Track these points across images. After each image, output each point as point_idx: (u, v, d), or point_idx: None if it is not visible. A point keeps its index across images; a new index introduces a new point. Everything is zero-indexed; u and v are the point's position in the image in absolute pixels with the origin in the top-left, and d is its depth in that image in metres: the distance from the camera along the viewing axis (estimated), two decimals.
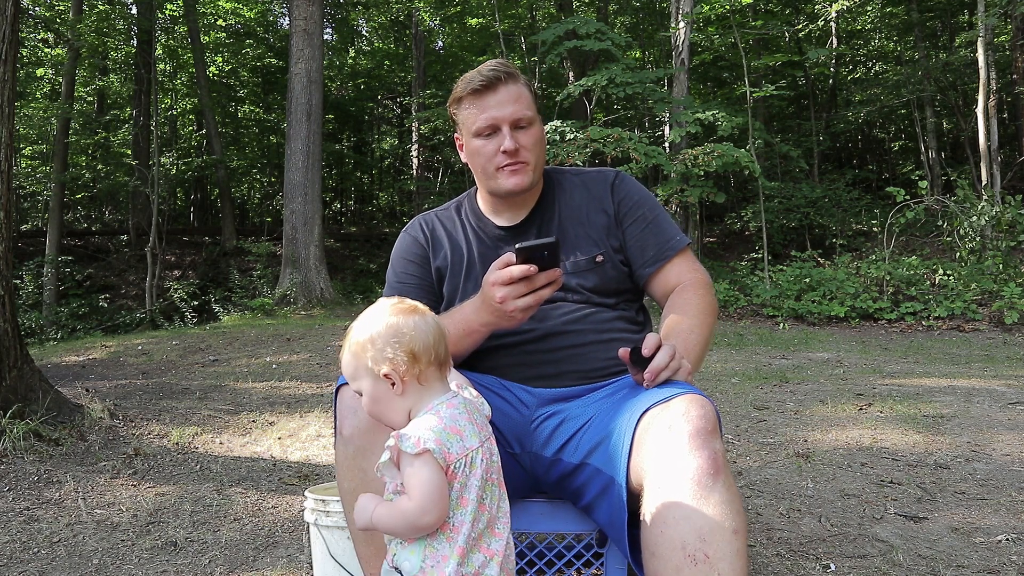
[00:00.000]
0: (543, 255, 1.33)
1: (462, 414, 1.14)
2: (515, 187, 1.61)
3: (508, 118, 1.57)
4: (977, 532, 2.18)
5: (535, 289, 1.36)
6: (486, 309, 1.42)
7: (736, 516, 1.18)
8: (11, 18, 3.25)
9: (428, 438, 1.07)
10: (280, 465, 3.11)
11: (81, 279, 14.69)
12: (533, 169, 1.62)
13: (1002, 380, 4.51)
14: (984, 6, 10.09)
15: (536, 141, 1.62)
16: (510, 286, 1.36)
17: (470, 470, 1.11)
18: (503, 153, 1.58)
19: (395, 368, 1.13)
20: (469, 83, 1.58)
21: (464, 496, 1.11)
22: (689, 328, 1.52)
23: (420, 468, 1.08)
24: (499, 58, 1.78)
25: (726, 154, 9.13)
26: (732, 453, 3.09)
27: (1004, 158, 12.03)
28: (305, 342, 6.48)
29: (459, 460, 1.10)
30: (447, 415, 1.12)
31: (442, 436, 1.09)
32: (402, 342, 1.13)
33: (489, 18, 16.14)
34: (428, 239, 1.75)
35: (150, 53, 15.25)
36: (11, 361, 3.19)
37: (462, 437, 1.11)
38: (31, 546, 2.26)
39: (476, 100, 1.58)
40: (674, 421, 1.25)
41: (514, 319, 1.41)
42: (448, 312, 1.60)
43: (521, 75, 1.62)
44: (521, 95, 1.59)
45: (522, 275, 1.33)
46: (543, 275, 1.35)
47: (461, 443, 1.11)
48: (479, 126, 1.58)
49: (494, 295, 1.37)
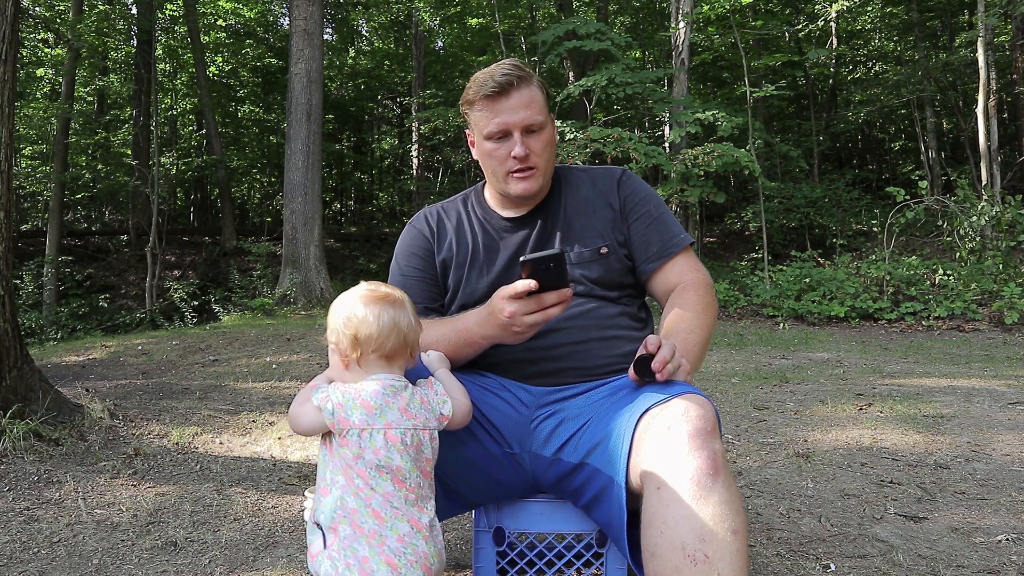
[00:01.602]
0: (549, 267, 1.32)
1: (384, 394, 1.26)
2: (524, 192, 1.62)
3: (520, 124, 1.57)
4: (977, 532, 2.18)
5: (544, 307, 1.35)
6: (492, 323, 1.42)
7: (736, 516, 1.18)
8: (11, 18, 3.25)
9: (333, 399, 1.25)
10: (280, 465, 3.11)
11: (81, 279, 14.69)
12: (543, 174, 1.63)
13: (1002, 380, 4.51)
14: (984, 6, 10.09)
15: (546, 145, 1.62)
16: (520, 302, 1.35)
17: (368, 443, 1.23)
18: (514, 159, 1.58)
19: (338, 344, 1.29)
20: (482, 87, 1.57)
21: (356, 466, 1.24)
22: (689, 328, 1.53)
23: (306, 400, 1.29)
24: (512, 58, 1.78)
25: (726, 154, 9.13)
26: (732, 453, 3.09)
27: (1004, 158, 12.03)
28: (305, 342, 6.48)
29: (355, 429, 1.23)
30: (362, 388, 1.26)
31: (346, 403, 1.24)
32: (349, 325, 1.28)
33: (489, 18, 16.14)
34: (433, 232, 1.75)
35: (150, 53, 15.24)
36: (11, 361, 3.19)
37: (369, 412, 1.24)
38: (31, 546, 2.26)
39: (488, 104, 1.58)
40: (673, 421, 1.25)
41: (520, 336, 1.41)
42: (451, 319, 1.60)
43: (535, 76, 1.62)
44: (533, 99, 1.58)
45: (526, 290, 1.32)
46: (553, 294, 1.34)
47: (363, 416, 1.24)
48: (491, 130, 1.59)
49: (503, 309, 1.37)
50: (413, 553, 1.22)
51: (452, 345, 1.53)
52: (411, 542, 1.23)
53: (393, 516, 1.23)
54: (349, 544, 1.21)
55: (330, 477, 1.26)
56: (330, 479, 1.26)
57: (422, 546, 1.24)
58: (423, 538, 1.24)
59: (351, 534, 1.22)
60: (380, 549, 1.20)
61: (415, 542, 1.23)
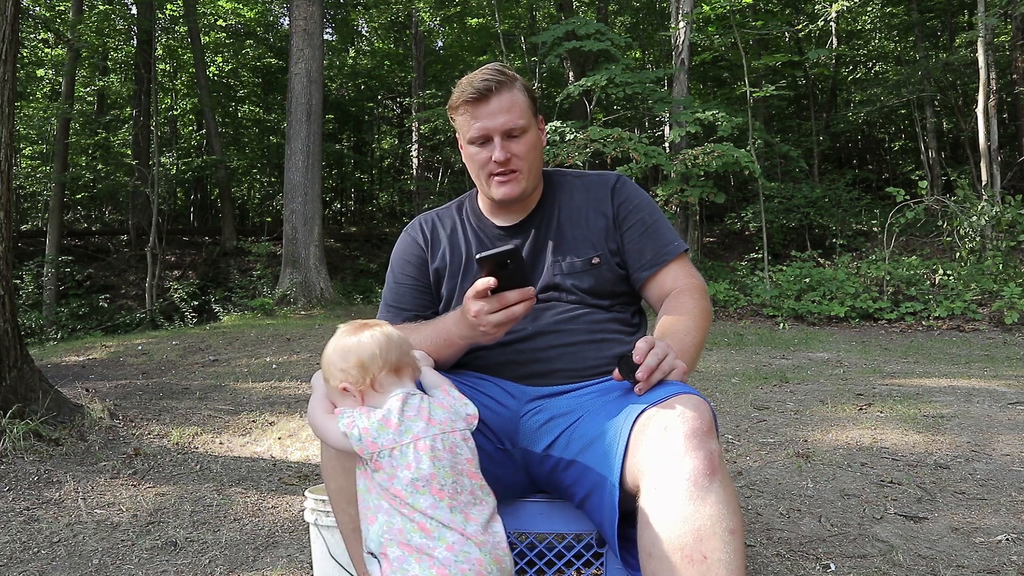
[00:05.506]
0: (507, 264, 1.32)
1: (404, 410, 1.26)
2: (505, 196, 1.62)
3: (499, 128, 1.57)
4: (977, 532, 2.18)
5: (507, 305, 1.35)
6: (464, 323, 1.44)
7: (733, 516, 1.18)
8: (11, 18, 3.25)
9: (360, 424, 1.25)
10: (280, 465, 3.11)
11: (81, 279, 14.68)
12: (526, 177, 1.63)
13: (1002, 380, 4.51)
14: (984, 6, 10.09)
15: (530, 148, 1.61)
16: (484, 301, 1.36)
17: (400, 461, 1.23)
18: (494, 162, 1.59)
19: (349, 380, 1.29)
20: (463, 92, 1.59)
21: (392, 486, 1.22)
22: (685, 330, 1.53)
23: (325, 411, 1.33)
24: (497, 62, 1.78)
25: (726, 154, 9.13)
26: (732, 453, 3.09)
27: (1004, 158, 12.02)
28: (305, 342, 6.48)
29: (384, 451, 1.23)
30: (383, 409, 1.27)
31: (371, 426, 1.24)
32: (348, 357, 1.29)
33: (489, 18, 16.14)
34: (427, 240, 1.76)
35: (150, 53, 15.24)
36: (11, 361, 3.19)
37: (395, 431, 1.24)
38: (31, 546, 2.26)
39: (470, 109, 1.59)
40: (670, 421, 1.26)
41: (488, 335, 1.41)
42: (433, 320, 1.62)
43: (518, 79, 1.62)
44: (514, 104, 1.58)
45: (486, 287, 1.34)
46: (515, 292, 1.35)
47: (391, 436, 1.24)
48: (472, 135, 1.60)
49: (469, 309, 1.39)
50: (465, 561, 1.19)
51: (434, 346, 1.55)
52: (461, 550, 1.19)
53: (438, 527, 1.20)
54: (400, 565, 1.19)
55: (373, 504, 1.25)
56: (374, 506, 1.25)
57: (475, 553, 1.20)
58: (475, 545, 1.21)
59: (400, 555, 1.20)
60: (430, 563, 1.18)
61: (466, 549, 1.20)
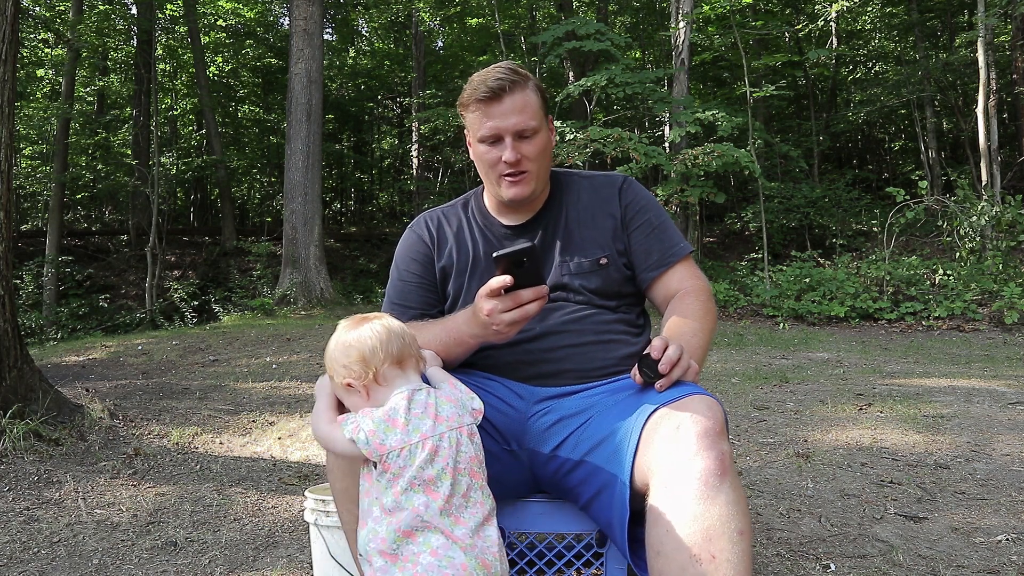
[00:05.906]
0: (523, 263, 1.31)
1: (411, 408, 1.24)
2: (515, 197, 1.62)
3: (511, 129, 1.56)
4: (977, 532, 2.18)
5: (521, 304, 1.35)
6: (476, 321, 1.42)
7: (742, 517, 1.19)
8: (11, 18, 3.25)
9: (365, 427, 1.22)
10: (280, 465, 3.11)
11: (81, 279, 14.67)
12: (536, 178, 1.62)
13: (1002, 380, 4.51)
14: (984, 6, 10.09)
15: (540, 150, 1.61)
16: (497, 299, 1.35)
17: (408, 461, 1.20)
18: (505, 163, 1.58)
19: (351, 376, 1.27)
20: (475, 90, 1.57)
21: (395, 486, 1.20)
22: (692, 331, 1.53)
23: (330, 421, 1.30)
24: (509, 60, 1.78)
25: (726, 154, 9.13)
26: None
27: (1004, 158, 12.01)
28: (305, 342, 6.48)
29: (393, 451, 1.20)
30: (389, 408, 1.24)
31: (378, 427, 1.22)
32: (349, 353, 1.28)
33: (489, 18, 16.13)
34: (433, 238, 1.74)
35: (150, 53, 15.24)
36: (11, 361, 3.19)
37: (403, 430, 1.22)
38: (31, 546, 2.26)
39: (482, 107, 1.57)
40: (683, 421, 1.26)
41: (501, 334, 1.40)
42: (442, 319, 1.61)
43: (531, 79, 1.61)
44: (527, 104, 1.57)
45: (501, 286, 1.32)
46: (529, 291, 1.34)
47: (399, 435, 1.21)
48: (483, 134, 1.59)
49: (482, 308, 1.37)
50: (449, 566, 1.14)
51: (443, 344, 1.54)
52: (446, 555, 1.15)
53: (424, 529, 1.17)
54: (383, 574, 1.18)
55: (365, 508, 1.24)
56: (365, 511, 1.24)
57: (459, 558, 1.15)
58: (461, 548, 1.16)
59: (383, 565, 1.18)
60: (412, 571, 1.14)
61: (450, 554, 1.15)
